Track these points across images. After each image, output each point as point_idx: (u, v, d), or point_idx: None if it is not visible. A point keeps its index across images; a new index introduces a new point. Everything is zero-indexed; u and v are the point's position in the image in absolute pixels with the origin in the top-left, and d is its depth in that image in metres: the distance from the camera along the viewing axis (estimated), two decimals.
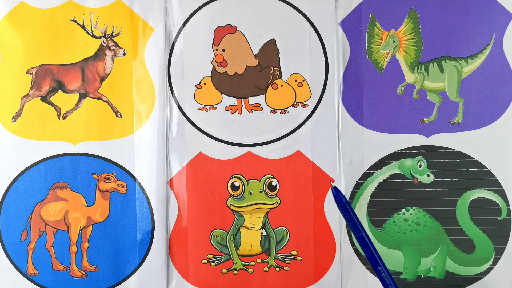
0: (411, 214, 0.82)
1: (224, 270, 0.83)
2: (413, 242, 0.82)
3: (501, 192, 0.80)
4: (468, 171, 0.81)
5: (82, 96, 0.82)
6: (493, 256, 0.81)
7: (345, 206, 0.64)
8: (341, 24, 0.82)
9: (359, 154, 0.82)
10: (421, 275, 0.82)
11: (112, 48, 0.82)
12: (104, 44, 0.82)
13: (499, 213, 0.81)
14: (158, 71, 0.82)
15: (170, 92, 0.82)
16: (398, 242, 0.82)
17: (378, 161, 0.82)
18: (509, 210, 0.80)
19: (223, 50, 0.82)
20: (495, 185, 0.81)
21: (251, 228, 0.83)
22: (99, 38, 0.82)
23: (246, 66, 0.82)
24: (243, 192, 0.82)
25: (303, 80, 0.82)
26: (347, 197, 0.82)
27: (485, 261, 0.81)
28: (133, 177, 0.82)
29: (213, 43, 0.82)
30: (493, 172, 0.81)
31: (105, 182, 0.82)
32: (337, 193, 0.64)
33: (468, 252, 0.81)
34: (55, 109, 0.82)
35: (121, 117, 0.82)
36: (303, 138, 0.82)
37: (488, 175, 0.81)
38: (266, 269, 0.83)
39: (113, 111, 0.82)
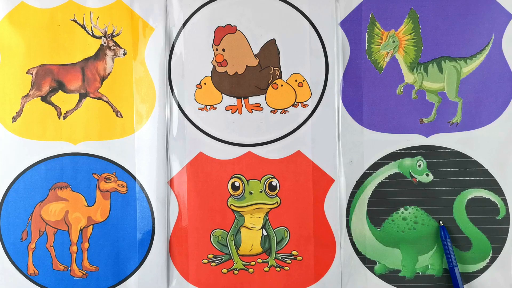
0: (409, 213, 0.82)
1: (224, 270, 0.83)
2: (411, 240, 0.83)
3: (499, 192, 0.81)
4: (466, 170, 0.81)
5: (83, 96, 0.82)
6: (490, 255, 0.81)
7: (448, 241, 0.80)
8: (341, 24, 0.82)
9: (359, 154, 0.82)
10: (419, 273, 0.83)
11: (112, 48, 0.82)
12: (105, 44, 0.82)
13: (497, 212, 0.81)
14: (159, 71, 0.82)
15: (170, 92, 0.82)
16: (397, 240, 0.83)
17: (377, 160, 0.82)
18: (507, 209, 0.81)
19: (223, 50, 0.82)
20: (492, 185, 0.81)
21: (251, 228, 0.83)
22: (100, 38, 0.82)
23: (246, 66, 0.82)
24: (243, 192, 0.82)
25: (303, 80, 0.82)
26: (347, 197, 0.82)
27: (482, 259, 0.82)
28: (134, 177, 0.82)
29: (213, 43, 0.82)
30: (490, 171, 0.81)
31: (105, 182, 0.82)
32: (444, 232, 0.80)
33: (464, 250, 0.82)
34: (56, 109, 0.82)
35: (122, 117, 0.82)
36: (303, 138, 0.82)
37: (485, 174, 0.81)
38: (266, 269, 0.83)
39: (114, 111, 0.82)
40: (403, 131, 0.82)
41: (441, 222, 0.81)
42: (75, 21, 0.81)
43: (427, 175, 0.82)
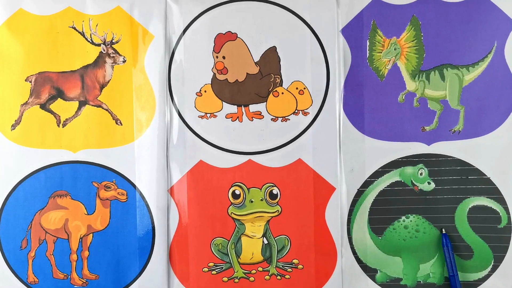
0: (411, 221, 0.82)
1: (225, 279, 0.83)
2: (412, 249, 0.82)
3: (501, 200, 0.81)
4: (468, 178, 0.81)
5: (82, 103, 0.82)
6: (492, 263, 0.81)
7: (450, 249, 0.80)
8: (342, 31, 0.81)
9: (360, 162, 0.82)
10: (420, 281, 0.82)
11: (112, 55, 0.81)
12: (104, 52, 0.81)
13: (499, 221, 0.81)
14: (158, 79, 0.82)
15: (170, 100, 0.82)
16: (398, 248, 0.82)
17: (379, 169, 0.82)
18: (509, 218, 0.81)
19: (224, 58, 0.82)
20: (494, 193, 0.81)
21: (252, 237, 0.83)
22: (99, 45, 0.81)
23: (247, 73, 0.82)
24: (244, 200, 0.82)
25: (304, 88, 0.82)
26: (348, 205, 0.82)
27: (484, 268, 0.82)
28: (134, 185, 0.82)
29: (213, 50, 0.82)
30: (492, 180, 0.81)
31: (105, 190, 0.81)
32: (446, 240, 0.80)
33: (466, 259, 0.82)
34: (55, 117, 0.82)
35: (121, 125, 0.82)
36: (304, 146, 0.82)
37: (487, 183, 0.81)
38: (267, 277, 0.83)
39: (113, 119, 0.82)
40: (404, 139, 0.81)
41: (443, 230, 0.81)
42: (74, 28, 0.81)
43: (429, 183, 0.82)
